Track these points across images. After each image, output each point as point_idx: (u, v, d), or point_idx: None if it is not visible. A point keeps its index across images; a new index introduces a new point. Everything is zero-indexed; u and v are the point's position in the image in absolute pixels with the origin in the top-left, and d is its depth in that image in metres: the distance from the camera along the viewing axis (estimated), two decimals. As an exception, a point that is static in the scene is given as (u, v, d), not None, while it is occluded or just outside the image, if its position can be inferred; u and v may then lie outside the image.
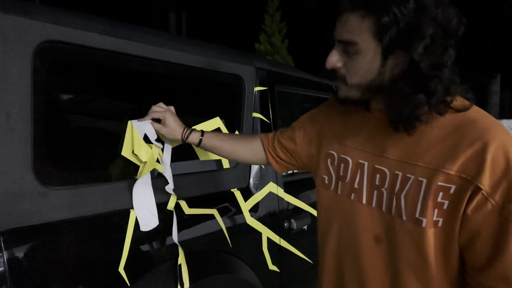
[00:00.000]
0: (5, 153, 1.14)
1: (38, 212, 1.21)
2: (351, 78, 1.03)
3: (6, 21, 1.15)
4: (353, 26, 0.97)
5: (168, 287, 1.49)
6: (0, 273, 1.11)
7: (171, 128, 1.45)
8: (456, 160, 0.92)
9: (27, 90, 1.19)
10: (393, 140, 1.04)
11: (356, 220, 1.12)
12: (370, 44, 0.96)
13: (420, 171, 0.97)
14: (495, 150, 0.89)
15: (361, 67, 1.00)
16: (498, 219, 0.89)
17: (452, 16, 0.93)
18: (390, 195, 1.03)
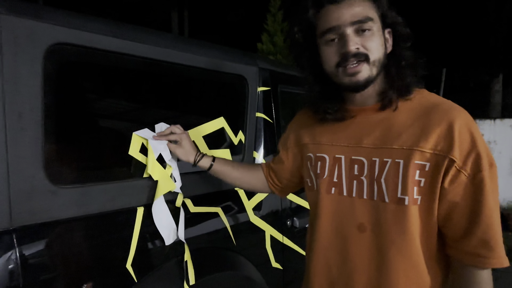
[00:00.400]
0: (17, 152, 1.18)
1: (48, 210, 1.25)
2: (373, 55, 1.08)
3: (17, 24, 1.18)
4: (363, 7, 1.07)
5: (174, 283, 1.52)
6: (13, 269, 1.14)
7: (186, 150, 1.52)
8: (427, 139, 1.02)
9: (38, 91, 1.22)
10: (366, 131, 1.13)
11: (339, 213, 1.17)
12: (377, 21, 1.09)
13: (396, 153, 1.06)
14: (460, 127, 1.00)
15: (378, 42, 1.08)
16: (472, 188, 0.99)
17: None
18: (371, 182, 1.10)
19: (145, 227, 1.47)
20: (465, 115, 1.02)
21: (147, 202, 1.52)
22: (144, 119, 1.68)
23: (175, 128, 1.53)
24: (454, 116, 1.02)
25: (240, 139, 1.99)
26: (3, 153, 1.15)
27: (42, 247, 1.22)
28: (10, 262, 1.14)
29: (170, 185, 1.54)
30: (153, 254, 1.50)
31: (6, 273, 1.13)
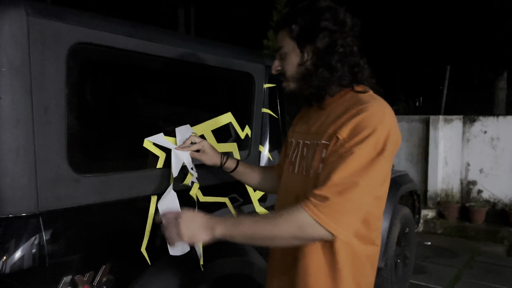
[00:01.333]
0: (43, 143, 1.29)
1: (71, 196, 1.36)
2: (287, 72, 1.37)
3: (43, 25, 1.29)
4: (280, 38, 1.37)
5: (186, 266, 1.63)
6: (40, 249, 1.25)
7: (210, 155, 1.67)
8: (337, 125, 1.24)
9: (62, 87, 1.33)
10: (314, 120, 1.39)
11: (289, 188, 1.41)
12: (290, 44, 1.33)
13: (323, 137, 1.28)
14: (360, 119, 1.19)
15: (289, 62, 1.35)
16: (341, 150, 1.19)
17: (346, 15, 1.31)
18: (309, 161, 1.32)
19: (158, 213, 1.57)
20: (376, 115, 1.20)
21: (161, 191, 1.63)
22: (157, 114, 1.79)
23: (194, 138, 1.66)
24: (364, 111, 1.21)
25: (246, 133, 2.09)
26: (31, 144, 1.26)
27: (65, 230, 1.34)
28: (37, 243, 1.25)
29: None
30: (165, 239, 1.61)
31: (33, 253, 1.24)
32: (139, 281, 1.50)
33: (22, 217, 1.25)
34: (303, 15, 1.30)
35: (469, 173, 6.76)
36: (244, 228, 1.21)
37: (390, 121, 1.22)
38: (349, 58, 1.30)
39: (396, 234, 3.74)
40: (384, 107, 1.24)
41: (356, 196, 1.14)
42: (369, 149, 1.16)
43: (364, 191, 1.15)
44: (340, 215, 1.13)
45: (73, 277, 1.32)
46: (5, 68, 1.22)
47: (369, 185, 1.16)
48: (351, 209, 1.14)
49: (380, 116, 1.20)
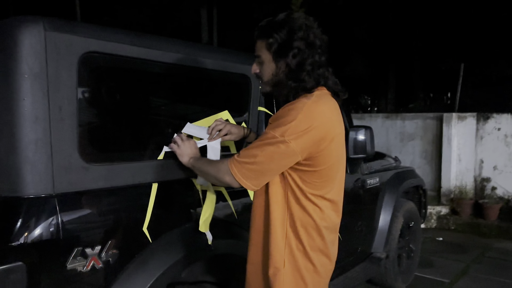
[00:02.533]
0: (58, 137, 1.54)
1: (81, 181, 1.61)
2: (263, 78, 1.61)
3: (58, 38, 1.54)
4: (258, 47, 1.58)
5: (184, 244, 1.87)
6: (55, 226, 1.51)
7: (236, 133, 1.96)
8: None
9: (74, 90, 1.58)
10: None
11: None
12: (267, 56, 1.56)
13: None
14: (281, 111, 1.50)
15: (266, 70, 1.59)
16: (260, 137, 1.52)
17: (316, 35, 1.52)
18: None
19: (159, 198, 1.82)
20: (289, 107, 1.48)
21: (161, 179, 1.86)
22: (159, 112, 2.03)
23: (218, 126, 1.92)
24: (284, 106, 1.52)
25: (243, 129, 2.31)
26: (48, 137, 1.52)
27: (77, 209, 1.60)
28: (53, 219, 1.51)
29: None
30: (165, 221, 1.86)
31: (50, 227, 1.50)
32: (141, 255, 1.75)
33: (40, 197, 1.51)
34: (279, 32, 1.50)
35: (482, 170, 6.81)
36: (200, 165, 1.72)
37: (306, 117, 1.45)
38: (316, 71, 1.53)
39: (399, 227, 3.89)
40: (304, 105, 1.47)
41: (258, 160, 1.47)
42: (276, 133, 1.45)
43: (265, 159, 1.47)
44: (244, 170, 1.50)
45: (83, 249, 1.57)
46: (26, 75, 1.47)
47: (269, 158, 1.46)
48: (253, 168, 1.49)
49: (298, 111, 1.45)
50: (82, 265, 1.56)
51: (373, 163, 3.75)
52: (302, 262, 1.56)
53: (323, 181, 1.54)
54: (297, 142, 1.43)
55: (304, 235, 1.55)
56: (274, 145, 1.44)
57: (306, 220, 1.55)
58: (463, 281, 4.46)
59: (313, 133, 1.45)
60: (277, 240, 1.56)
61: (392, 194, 3.83)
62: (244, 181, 1.50)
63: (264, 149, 1.46)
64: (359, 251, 3.49)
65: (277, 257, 1.55)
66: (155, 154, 1.89)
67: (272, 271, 1.56)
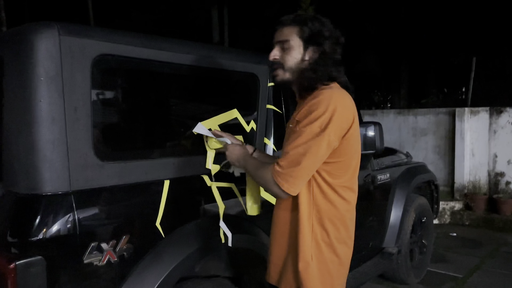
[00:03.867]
0: (74, 136, 1.61)
1: (97, 179, 1.68)
2: (286, 63, 1.63)
3: (72, 42, 1.61)
4: (286, 32, 1.63)
5: (195, 239, 1.93)
6: (72, 221, 1.58)
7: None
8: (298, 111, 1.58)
9: (88, 91, 1.65)
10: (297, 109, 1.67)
11: None
12: (297, 42, 1.61)
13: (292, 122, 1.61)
14: (311, 104, 1.52)
15: (292, 56, 1.62)
16: (296, 129, 1.53)
17: (339, 35, 1.63)
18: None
19: (171, 195, 1.88)
20: (329, 100, 1.50)
21: (172, 176, 1.93)
22: (170, 111, 2.09)
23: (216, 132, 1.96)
24: (318, 96, 1.53)
25: (252, 127, 2.36)
26: (64, 137, 1.59)
27: (92, 206, 1.66)
28: (70, 215, 1.58)
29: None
30: (177, 216, 1.92)
31: (67, 223, 1.57)
32: (154, 250, 1.81)
33: (57, 194, 1.58)
34: (313, 22, 1.60)
35: (496, 164, 6.75)
36: (248, 168, 1.71)
37: (336, 104, 1.50)
38: (337, 66, 1.63)
39: (411, 222, 3.91)
40: (332, 93, 1.53)
41: (302, 166, 1.48)
42: (315, 128, 1.48)
43: (308, 162, 1.49)
44: (289, 178, 1.50)
45: (99, 244, 1.64)
46: (43, 78, 1.55)
47: (313, 157, 1.49)
48: (298, 174, 1.50)
49: (328, 100, 1.50)
50: (98, 259, 1.63)
51: (383, 159, 3.77)
52: (328, 255, 1.61)
53: (345, 171, 1.60)
54: (335, 132, 1.50)
55: (331, 228, 1.61)
56: (317, 143, 1.48)
57: (332, 213, 1.60)
58: (477, 275, 4.45)
59: (344, 121, 1.52)
60: (306, 235, 1.60)
61: (403, 189, 3.85)
62: (291, 189, 1.52)
63: (307, 150, 1.48)
64: (370, 246, 3.52)
65: (306, 251, 1.59)
66: (166, 151, 1.95)
67: (302, 265, 1.60)
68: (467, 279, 4.34)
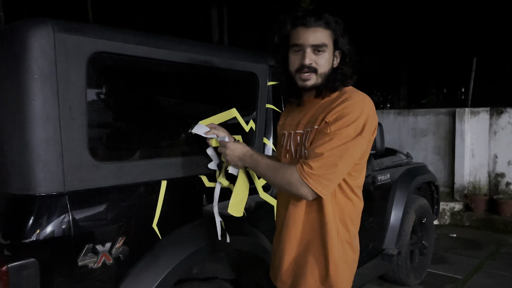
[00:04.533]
0: (69, 136, 1.57)
1: (92, 179, 1.64)
2: (321, 69, 1.57)
3: (67, 39, 1.57)
4: (321, 36, 1.56)
5: (192, 241, 1.89)
6: (66, 222, 1.54)
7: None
8: (326, 112, 1.53)
9: (83, 89, 1.61)
10: (304, 113, 1.66)
11: None
12: (330, 46, 1.58)
13: (315, 123, 1.57)
14: (345, 106, 1.49)
15: (326, 60, 1.58)
16: (328, 131, 1.49)
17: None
18: (302, 146, 1.60)
19: (168, 196, 1.84)
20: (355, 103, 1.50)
21: (170, 176, 1.89)
22: (167, 111, 2.06)
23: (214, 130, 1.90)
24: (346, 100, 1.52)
25: (251, 127, 2.33)
26: (58, 136, 1.55)
27: (87, 207, 1.63)
28: (64, 217, 1.54)
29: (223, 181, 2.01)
30: (174, 217, 1.88)
31: (61, 224, 1.53)
32: (151, 252, 1.77)
33: (51, 195, 1.54)
34: (337, 24, 1.58)
35: (496, 165, 6.73)
36: (259, 168, 1.64)
37: (368, 109, 1.52)
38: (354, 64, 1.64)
39: (411, 223, 3.88)
40: (364, 98, 1.54)
41: (338, 168, 1.47)
42: (351, 131, 1.46)
43: (344, 164, 1.48)
44: (324, 180, 1.46)
45: (94, 246, 1.60)
46: (36, 75, 1.51)
47: (348, 160, 1.48)
48: (333, 177, 1.48)
49: (361, 105, 1.50)
50: (93, 262, 1.60)
51: (384, 160, 3.74)
52: (350, 254, 1.63)
53: (360, 172, 1.63)
54: (367, 136, 1.51)
55: (351, 227, 1.63)
56: (354, 146, 1.47)
57: (352, 212, 1.63)
58: (477, 277, 4.42)
59: (373, 125, 1.53)
60: (333, 236, 1.57)
61: (404, 190, 3.82)
62: (324, 192, 1.48)
63: (344, 154, 1.46)
64: (370, 248, 3.48)
65: (335, 254, 1.57)
66: (163, 152, 1.91)
67: (333, 268, 1.57)
68: (467, 281, 4.32)
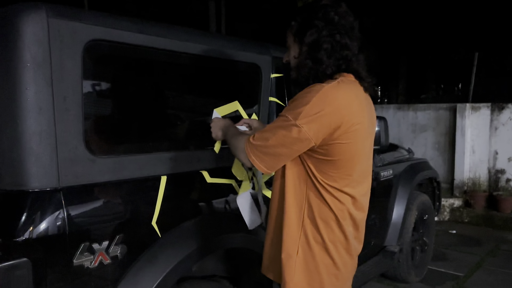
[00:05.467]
0: (63, 128, 1.49)
1: (88, 174, 1.56)
2: (291, 63, 1.59)
3: (62, 25, 1.48)
4: (287, 34, 1.60)
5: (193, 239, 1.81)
6: (60, 220, 1.46)
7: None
8: None
9: (79, 79, 1.52)
10: None
11: None
12: (291, 39, 1.57)
13: None
14: (298, 94, 1.43)
15: (291, 54, 1.57)
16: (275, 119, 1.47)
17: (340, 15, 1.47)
18: None
19: (168, 192, 1.76)
20: (307, 89, 1.42)
21: (170, 171, 1.81)
22: (167, 102, 1.97)
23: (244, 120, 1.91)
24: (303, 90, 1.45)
25: (253, 120, 2.24)
26: (52, 128, 1.46)
27: (83, 204, 1.54)
28: (58, 214, 1.45)
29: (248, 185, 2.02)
30: (174, 215, 1.80)
31: (55, 222, 1.44)
32: (150, 250, 1.69)
33: (45, 191, 1.45)
34: (301, 14, 1.53)
35: (497, 161, 6.67)
36: (228, 136, 1.65)
37: (325, 103, 1.38)
38: (337, 52, 1.47)
39: (413, 220, 3.81)
40: (322, 87, 1.40)
41: (269, 143, 1.42)
42: (290, 115, 1.39)
43: (276, 142, 1.42)
44: (258, 152, 1.45)
45: (91, 244, 1.52)
46: (29, 64, 1.41)
47: (280, 140, 1.41)
48: (267, 151, 1.44)
49: (313, 93, 1.39)
50: (89, 261, 1.51)
51: (386, 155, 3.67)
52: (319, 254, 1.50)
53: (339, 173, 1.45)
54: (309, 127, 1.36)
55: (324, 228, 1.49)
56: (286, 128, 1.39)
57: (325, 212, 1.48)
58: (478, 274, 4.37)
59: (326, 119, 1.37)
60: (291, 227, 1.51)
61: (406, 186, 3.75)
62: (257, 163, 1.45)
63: (276, 132, 1.41)
64: (372, 245, 3.42)
65: (289, 244, 1.51)
66: (163, 146, 1.83)
67: (284, 256, 1.52)
68: (469, 278, 4.26)
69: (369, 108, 1.56)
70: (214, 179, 1.98)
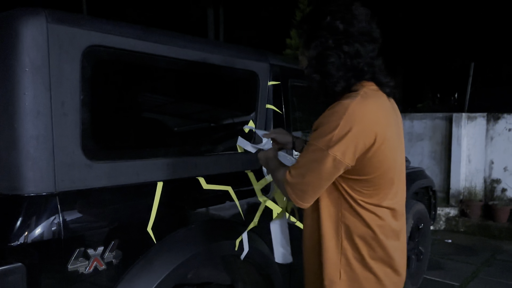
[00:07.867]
0: (60, 133, 1.49)
1: (84, 179, 1.55)
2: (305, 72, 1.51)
3: (61, 31, 1.49)
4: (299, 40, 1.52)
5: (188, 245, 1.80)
6: (56, 225, 1.45)
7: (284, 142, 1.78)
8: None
9: (77, 84, 1.53)
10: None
11: None
12: (301, 48, 1.50)
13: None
14: (323, 115, 1.36)
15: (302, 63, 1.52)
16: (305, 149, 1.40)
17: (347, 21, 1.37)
18: None
19: (164, 198, 1.76)
20: (331, 110, 1.35)
21: (166, 178, 1.81)
22: (165, 109, 1.97)
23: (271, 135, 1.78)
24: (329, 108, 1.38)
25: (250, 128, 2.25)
26: (50, 133, 1.46)
27: (79, 209, 1.54)
28: (54, 219, 1.45)
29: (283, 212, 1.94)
30: (170, 221, 1.79)
31: (51, 227, 1.44)
32: (145, 256, 1.69)
33: (41, 196, 1.45)
34: (306, 22, 1.47)
35: (492, 171, 6.69)
36: (271, 172, 1.61)
37: (353, 121, 1.30)
38: (347, 63, 1.38)
39: (408, 229, 3.81)
40: (348, 107, 1.32)
41: (306, 180, 1.37)
42: (321, 145, 1.32)
43: (312, 177, 1.36)
44: (297, 190, 1.40)
45: (86, 250, 1.51)
46: (28, 68, 1.42)
47: (316, 174, 1.35)
48: (306, 189, 1.39)
49: (342, 115, 1.30)
50: (84, 266, 1.51)
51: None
52: (362, 272, 1.44)
53: (375, 189, 1.40)
54: (343, 152, 1.30)
55: (363, 246, 1.43)
56: (320, 161, 1.32)
57: (363, 230, 1.42)
58: (473, 284, 4.36)
59: (358, 139, 1.31)
60: (329, 251, 1.45)
61: (402, 195, 3.75)
62: (298, 201, 1.41)
63: (310, 167, 1.35)
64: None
65: (331, 269, 1.45)
66: (160, 152, 1.83)
67: (327, 283, 1.46)
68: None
69: (395, 115, 1.51)
70: (210, 185, 1.98)
